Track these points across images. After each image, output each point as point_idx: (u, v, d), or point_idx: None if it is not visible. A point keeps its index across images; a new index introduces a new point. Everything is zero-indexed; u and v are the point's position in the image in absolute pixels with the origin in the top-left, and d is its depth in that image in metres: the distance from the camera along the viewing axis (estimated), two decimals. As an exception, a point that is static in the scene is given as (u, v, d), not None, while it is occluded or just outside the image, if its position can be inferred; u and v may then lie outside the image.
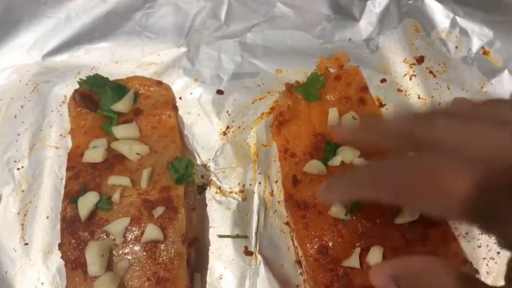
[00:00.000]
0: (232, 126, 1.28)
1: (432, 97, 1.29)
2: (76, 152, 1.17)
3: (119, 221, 1.06)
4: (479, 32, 1.34)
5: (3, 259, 1.15)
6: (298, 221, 1.11)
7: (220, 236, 1.17)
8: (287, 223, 1.19)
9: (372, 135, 0.81)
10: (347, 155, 1.15)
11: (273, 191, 1.22)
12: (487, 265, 1.12)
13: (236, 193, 1.21)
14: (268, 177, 1.23)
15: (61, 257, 1.07)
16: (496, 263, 1.12)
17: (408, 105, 1.28)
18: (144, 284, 1.03)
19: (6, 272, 1.14)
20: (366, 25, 1.39)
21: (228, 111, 1.30)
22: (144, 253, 1.05)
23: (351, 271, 1.05)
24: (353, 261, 1.05)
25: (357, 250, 1.05)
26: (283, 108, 1.25)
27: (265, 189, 1.22)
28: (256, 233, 1.17)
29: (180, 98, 1.31)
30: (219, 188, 1.22)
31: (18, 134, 1.27)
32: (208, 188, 1.22)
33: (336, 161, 1.15)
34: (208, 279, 1.13)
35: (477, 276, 1.09)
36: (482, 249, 1.14)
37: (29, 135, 1.27)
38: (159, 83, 1.29)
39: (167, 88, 1.29)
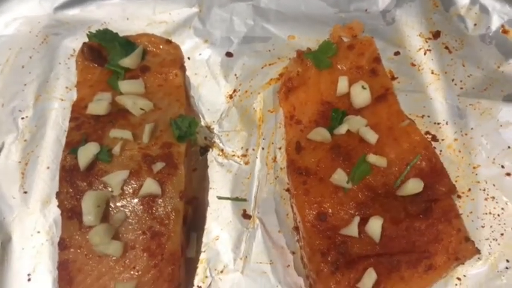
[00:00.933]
0: (239, 90, 1.27)
1: (446, 73, 1.26)
2: (80, 104, 1.17)
3: (118, 173, 1.05)
4: (500, 10, 1.30)
5: (2, 206, 1.15)
6: (298, 186, 1.09)
7: (220, 198, 1.16)
8: (288, 190, 1.18)
9: None
10: (353, 123, 1.12)
11: (275, 157, 1.21)
12: (489, 246, 1.10)
13: (238, 157, 1.20)
14: (272, 143, 1.22)
15: (58, 206, 1.07)
16: (498, 244, 1.10)
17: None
18: (139, 237, 1.02)
19: (4, 218, 1.14)
20: (383, -4, 1.36)
21: (236, 75, 1.28)
22: (141, 207, 1.04)
23: (348, 239, 1.03)
24: (352, 230, 1.03)
25: (356, 219, 1.04)
26: (293, 75, 1.22)
27: (268, 155, 1.20)
28: (256, 197, 1.16)
29: (189, 58, 1.30)
30: (222, 150, 1.21)
31: (25, 84, 1.27)
32: (210, 149, 1.21)
33: (342, 129, 1.13)
34: (204, 239, 1.13)
35: (477, 256, 1.07)
36: (485, 230, 1.12)
37: (35, 86, 1.27)
38: (168, 41, 1.27)
39: (176, 47, 1.28)
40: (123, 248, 1.01)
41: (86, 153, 1.06)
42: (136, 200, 1.04)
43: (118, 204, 1.04)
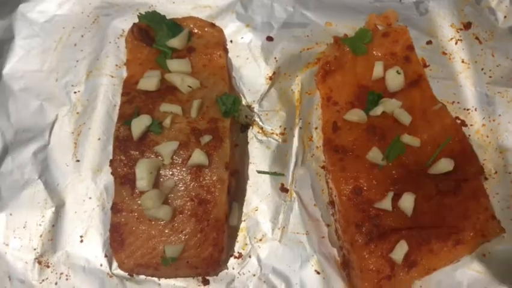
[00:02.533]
0: (278, 72, 1.33)
1: (476, 62, 1.32)
2: (131, 80, 1.24)
3: (169, 143, 1.13)
4: (530, 4, 1.36)
5: (56, 173, 1.23)
6: (335, 163, 1.16)
7: (259, 172, 1.23)
8: (323, 167, 1.25)
9: None
10: (388, 105, 1.19)
11: (312, 136, 1.27)
12: (514, 226, 1.16)
13: (277, 134, 1.27)
14: (309, 123, 1.29)
15: (111, 173, 1.15)
16: (522, 224, 1.16)
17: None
18: (187, 203, 1.10)
19: (57, 184, 1.22)
20: (417, -12, 1.42)
21: (275, 58, 1.35)
22: (189, 175, 1.11)
23: (382, 213, 1.10)
24: (386, 204, 1.10)
25: (390, 194, 1.11)
26: (330, 59, 1.29)
27: (304, 134, 1.27)
28: (293, 172, 1.23)
29: (231, 41, 1.37)
30: (261, 128, 1.28)
31: (77, 61, 1.34)
32: (250, 127, 1.28)
33: (377, 110, 1.19)
34: (244, 209, 1.20)
35: (503, 235, 1.12)
36: (511, 210, 1.17)
37: (86, 62, 1.34)
38: (212, 25, 1.35)
39: (220, 30, 1.35)
40: (172, 213, 1.09)
41: (139, 124, 1.14)
42: (184, 169, 1.12)
43: (168, 172, 1.12)
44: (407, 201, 1.10)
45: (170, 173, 1.12)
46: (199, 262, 1.09)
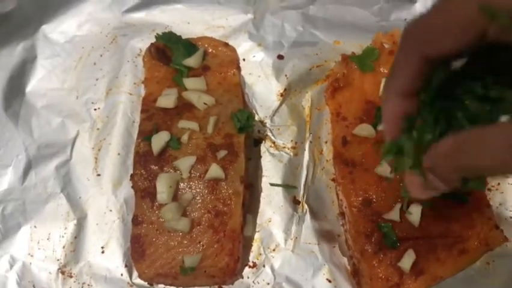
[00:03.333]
0: (289, 89, 1.39)
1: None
2: (149, 98, 1.30)
3: (187, 158, 1.18)
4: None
5: (78, 186, 1.29)
6: (345, 176, 1.22)
7: (272, 184, 1.28)
8: (333, 179, 1.30)
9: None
10: (395, 120, 1.25)
11: (322, 150, 1.33)
12: (517, 235, 1.21)
13: (288, 148, 1.33)
14: (319, 137, 1.34)
15: (132, 187, 1.20)
16: (525, 233, 1.21)
17: None
18: (204, 215, 1.16)
19: (80, 197, 1.28)
20: (421, 8, 1.47)
21: (286, 75, 1.41)
22: (206, 189, 1.17)
23: (391, 223, 1.16)
24: (394, 215, 1.15)
25: (398, 205, 1.16)
26: (339, 76, 1.35)
27: (315, 148, 1.33)
28: (305, 185, 1.29)
29: (244, 60, 1.43)
30: (273, 142, 1.34)
31: (97, 79, 1.41)
32: (263, 141, 1.34)
33: (384, 125, 1.25)
34: (258, 220, 1.26)
35: (506, 244, 1.18)
36: (513, 220, 1.23)
37: (106, 80, 1.41)
38: (226, 44, 1.41)
39: (233, 50, 1.41)
40: (190, 224, 1.15)
41: (159, 140, 1.19)
42: (202, 183, 1.18)
43: (186, 186, 1.18)
44: (414, 212, 1.15)
45: (189, 186, 1.18)
46: (216, 271, 1.15)
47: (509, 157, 0.58)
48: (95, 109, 1.37)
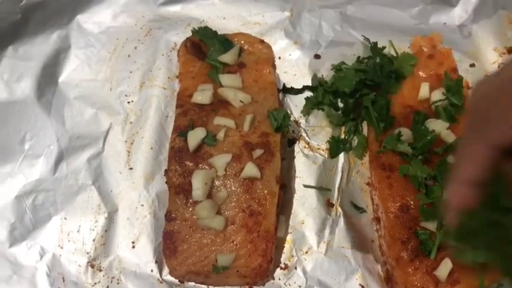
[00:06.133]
0: (325, 90, 1.37)
1: (518, 86, 1.35)
2: (184, 93, 1.29)
3: (222, 156, 1.17)
4: None
5: (110, 179, 1.28)
6: (382, 180, 1.20)
7: (306, 186, 1.26)
8: (368, 183, 1.28)
9: None
10: (435, 126, 1.22)
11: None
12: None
13: (323, 150, 1.31)
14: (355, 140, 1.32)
15: (166, 182, 1.19)
16: None
17: None
18: (238, 214, 1.14)
19: (111, 191, 1.27)
20: (461, 12, 1.45)
21: (322, 75, 1.39)
22: (241, 187, 1.16)
23: (428, 231, 1.13)
24: (431, 224, 1.13)
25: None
26: (377, 78, 1.33)
27: (350, 151, 1.31)
28: (339, 188, 1.27)
29: (279, 58, 1.41)
30: (308, 143, 1.32)
31: (131, 72, 1.40)
32: (297, 142, 1.32)
33: (423, 130, 1.23)
34: (290, 222, 1.24)
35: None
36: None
37: (140, 73, 1.40)
38: (262, 41, 1.39)
39: (269, 47, 1.39)
40: (224, 223, 1.13)
41: (195, 136, 1.18)
42: (237, 181, 1.16)
43: (221, 183, 1.16)
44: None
45: (223, 184, 1.16)
46: (249, 272, 1.13)
47: None
48: (128, 102, 1.36)
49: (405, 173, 1.17)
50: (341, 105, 1.33)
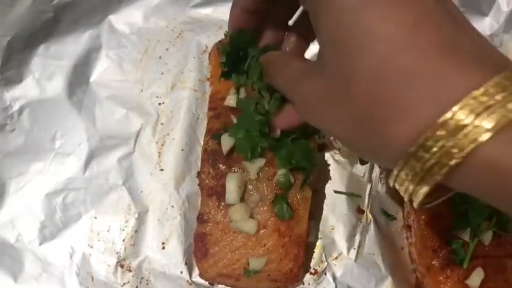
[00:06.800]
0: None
1: (550, 97, 1.34)
2: (216, 96, 1.29)
3: (256, 160, 1.17)
4: None
5: (140, 180, 1.28)
6: (414, 188, 1.19)
7: (336, 192, 1.26)
8: (398, 190, 1.28)
9: None
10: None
11: (387, 160, 1.31)
12: None
13: (354, 156, 1.31)
14: (385, 147, 1.32)
15: (198, 184, 1.19)
16: None
17: None
18: (270, 218, 1.14)
19: (141, 191, 1.27)
20: (492, 21, 1.45)
21: (353, 81, 1.38)
22: (274, 192, 1.15)
23: (461, 240, 1.13)
24: (464, 234, 1.13)
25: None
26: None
27: (380, 158, 1.31)
28: (369, 195, 1.27)
29: (308, 53, 1.41)
30: (339, 149, 1.32)
31: (162, 73, 1.40)
32: (328, 147, 1.32)
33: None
34: (320, 227, 1.24)
35: None
36: None
37: (171, 75, 1.40)
38: (291, 49, 1.39)
39: (299, 52, 1.39)
40: (257, 227, 1.13)
41: (229, 140, 1.18)
42: (269, 186, 1.16)
43: (254, 187, 1.16)
44: (487, 229, 1.13)
45: (256, 188, 1.16)
46: (280, 276, 1.13)
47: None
48: (159, 103, 1.36)
49: None
50: None
